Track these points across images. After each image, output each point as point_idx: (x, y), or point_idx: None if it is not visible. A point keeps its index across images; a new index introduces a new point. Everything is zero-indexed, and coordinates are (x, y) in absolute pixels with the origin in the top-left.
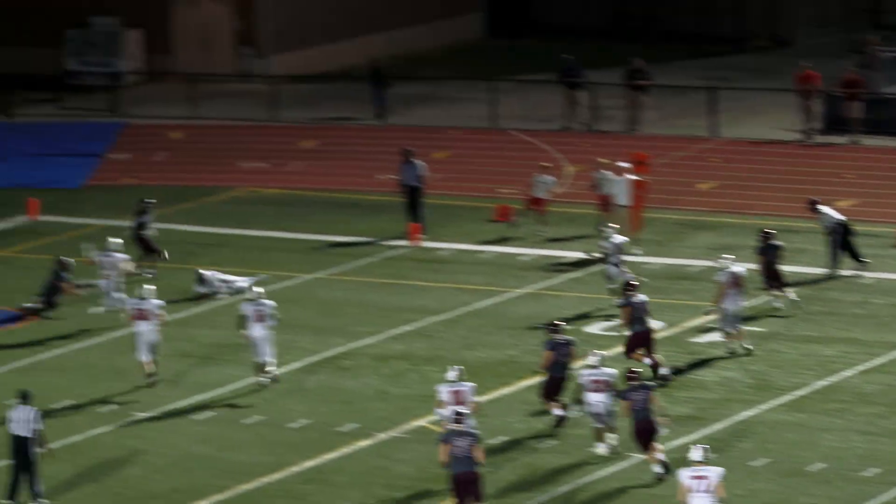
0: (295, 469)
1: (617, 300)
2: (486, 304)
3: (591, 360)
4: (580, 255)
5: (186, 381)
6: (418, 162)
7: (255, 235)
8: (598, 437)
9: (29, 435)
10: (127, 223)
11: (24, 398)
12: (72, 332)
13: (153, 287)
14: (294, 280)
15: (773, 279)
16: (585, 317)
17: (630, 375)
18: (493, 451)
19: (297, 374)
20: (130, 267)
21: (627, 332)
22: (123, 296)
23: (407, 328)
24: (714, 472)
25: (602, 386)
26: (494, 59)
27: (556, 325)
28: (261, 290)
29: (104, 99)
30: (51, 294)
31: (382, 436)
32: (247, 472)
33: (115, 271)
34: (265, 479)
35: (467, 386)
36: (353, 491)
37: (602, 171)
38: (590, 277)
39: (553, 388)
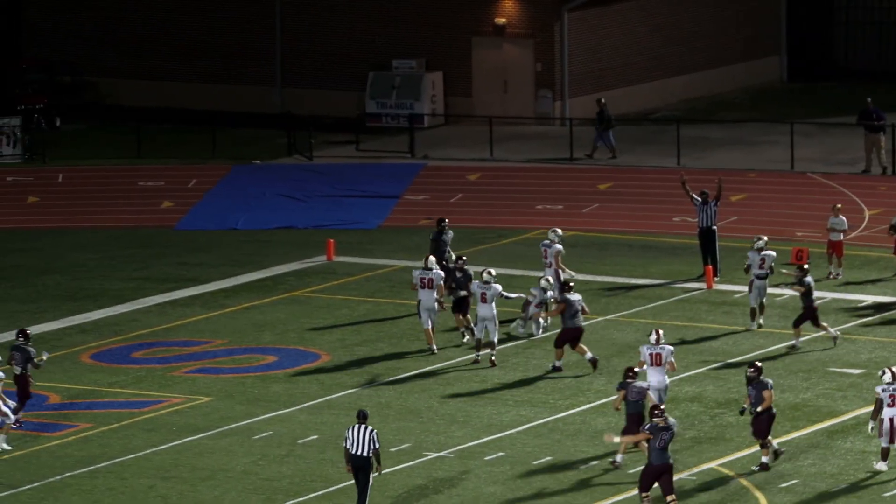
0: None
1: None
2: (780, 348)
3: (885, 377)
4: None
5: (478, 422)
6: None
7: None
8: (884, 455)
9: (367, 454)
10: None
11: (363, 418)
12: (363, 373)
13: (434, 258)
14: (588, 322)
15: None
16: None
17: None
18: (782, 493)
19: (587, 415)
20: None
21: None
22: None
23: (699, 371)
24: (666, 349)
25: None
26: (793, 102)
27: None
28: (493, 273)
29: (403, 141)
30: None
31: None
32: None
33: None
34: None
35: (667, 349)
36: None
37: None
38: (885, 321)
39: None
